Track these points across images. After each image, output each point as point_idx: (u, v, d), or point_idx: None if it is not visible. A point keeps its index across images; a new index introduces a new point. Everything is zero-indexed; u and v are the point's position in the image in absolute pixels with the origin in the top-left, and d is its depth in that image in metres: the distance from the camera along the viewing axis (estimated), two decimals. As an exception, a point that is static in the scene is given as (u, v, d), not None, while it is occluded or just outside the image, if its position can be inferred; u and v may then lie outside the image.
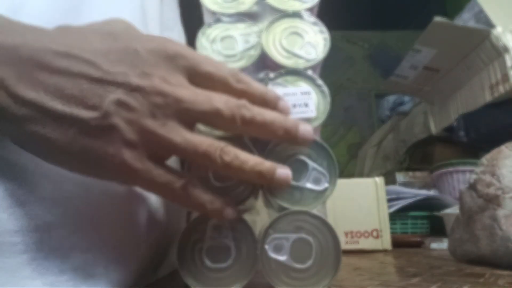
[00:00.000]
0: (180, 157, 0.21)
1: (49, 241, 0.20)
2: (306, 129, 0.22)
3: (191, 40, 0.30)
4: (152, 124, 0.19)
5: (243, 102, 0.21)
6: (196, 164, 0.23)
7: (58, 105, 0.18)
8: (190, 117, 0.20)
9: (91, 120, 0.18)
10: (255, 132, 0.22)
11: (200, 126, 0.23)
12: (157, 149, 0.20)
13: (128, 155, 0.19)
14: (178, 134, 0.19)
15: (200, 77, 0.21)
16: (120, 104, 0.18)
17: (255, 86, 0.22)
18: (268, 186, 0.24)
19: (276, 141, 0.25)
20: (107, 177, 0.20)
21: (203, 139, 0.20)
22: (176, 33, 0.44)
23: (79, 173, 0.20)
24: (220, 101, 0.20)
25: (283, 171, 0.22)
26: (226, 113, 0.20)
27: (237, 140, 0.23)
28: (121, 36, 0.20)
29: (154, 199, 0.28)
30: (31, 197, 0.19)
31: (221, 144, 0.20)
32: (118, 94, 0.18)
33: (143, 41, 0.20)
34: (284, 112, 0.23)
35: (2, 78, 0.17)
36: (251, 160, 0.21)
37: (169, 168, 0.20)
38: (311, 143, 0.24)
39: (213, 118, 0.20)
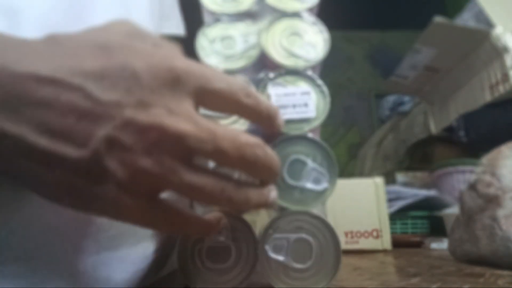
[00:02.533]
0: (190, 197, 0.19)
1: (56, 245, 0.20)
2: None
3: (190, 40, 0.30)
4: (147, 163, 0.16)
5: (257, 141, 0.19)
6: None
7: (42, 141, 0.15)
8: (191, 154, 0.18)
9: (79, 160, 0.16)
10: (253, 173, 0.20)
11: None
12: (155, 187, 0.18)
13: (122, 199, 0.17)
14: (177, 175, 0.17)
15: (209, 95, 0.19)
16: (111, 141, 0.16)
17: (262, 101, 0.21)
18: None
19: (276, 141, 0.25)
20: (102, 215, 0.18)
21: (204, 182, 0.18)
22: (174, 22, 0.41)
23: (71, 208, 0.18)
24: (227, 139, 0.18)
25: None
26: (232, 154, 0.18)
27: None
28: (118, 50, 0.17)
29: None
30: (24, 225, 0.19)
31: (225, 183, 0.18)
32: (109, 130, 0.16)
33: (144, 57, 0.17)
34: (279, 126, 0.22)
35: None
36: (253, 194, 0.19)
37: (163, 204, 0.18)
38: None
39: (216, 157, 0.18)
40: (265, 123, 0.22)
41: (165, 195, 0.18)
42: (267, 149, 0.19)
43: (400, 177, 1.02)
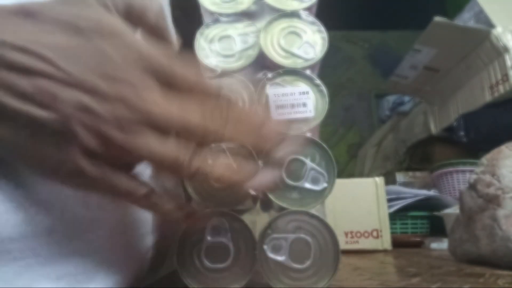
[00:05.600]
0: (151, 163, 0.20)
1: (47, 247, 0.19)
2: (273, 130, 0.21)
3: (190, 40, 0.30)
4: (116, 134, 0.17)
5: (215, 110, 0.19)
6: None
7: (13, 102, 0.16)
8: (157, 127, 0.18)
9: (47, 121, 0.16)
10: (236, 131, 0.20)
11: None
12: (120, 156, 0.18)
13: (86, 164, 0.17)
14: (143, 143, 0.18)
15: (171, 80, 0.19)
16: (82, 108, 0.16)
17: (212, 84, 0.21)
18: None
19: (275, 141, 0.24)
20: (65, 182, 0.19)
21: (170, 150, 0.18)
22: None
23: (39, 175, 0.18)
24: (195, 116, 0.19)
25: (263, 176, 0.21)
26: (198, 130, 0.19)
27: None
28: (88, 31, 0.18)
29: None
30: (27, 202, 0.19)
31: (189, 153, 0.19)
32: (81, 97, 0.16)
33: (113, 39, 0.18)
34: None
35: None
36: (223, 168, 0.20)
37: (132, 176, 0.19)
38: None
39: (185, 134, 0.19)
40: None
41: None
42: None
43: (400, 177, 1.02)
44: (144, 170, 0.23)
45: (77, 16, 0.18)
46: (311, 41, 0.27)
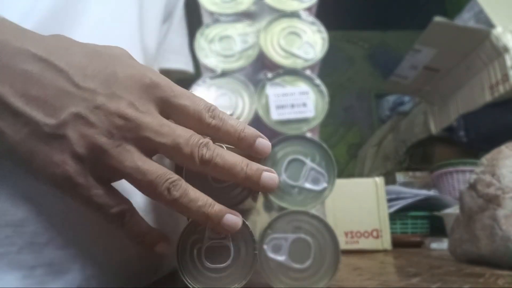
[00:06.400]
0: (129, 182, 0.21)
1: (22, 236, 0.20)
2: (270, 177, 0.22)
3: (190, 40, 0.30)
4: (106, 142, 0.19)
5: (206, 140, 0.21)
6: (192, 171, 0.22)
7: (18, 102, 0.18)
8: (149, 146, 0.20)
9: (46, 125, 0.18)
10: (214, 173, 0.21)
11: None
12: (105, 169, 0.19)
13: (72, 168, 0.19)
14: (130, 158, 0.19)
15: (173, 109, 0.21)
16: (79, 117, 0.18)
17: (231, 123, 0.22)
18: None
19: (274, 141, 0.25)
20: (48, 183, 0.20)
21: (155, 169, 0.20)
22: (183, 57, 0.44)
23: (28, 173, 0.20)
24: (182, 136, 0.20)
25: (232, 218, 0.21)
26: (185, 150, 0.20)
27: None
28: (106, 57, 0.21)
29: (139, 198, 0.28)
30: (4, 194, 0.19)
31: (173, 177, 0.20)
32: (80, 108, 0.19)
33: (125, 66, 0.21)
34: (259, 152, 0.22)
35: None
36: (201, 200, 0.21)
37: (112, 192, 0.20)
38: (273, 188, 0.22)
39: (172, 152, 0.20)
40: (239, 147, 0.22)
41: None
42: (217, 150, 0.21)
43: (400, 177, 1.02)
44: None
45: (103, 48, 0.21)
46: (311, 41, 0.28)
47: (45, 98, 0.18)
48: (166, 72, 0.44)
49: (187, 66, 0.46)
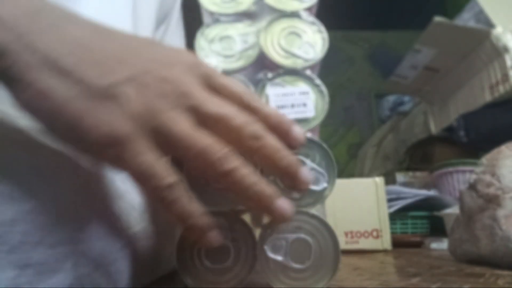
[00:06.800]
0: (176, 152, 0.19)
1: (13, 236, 0.20)
2: (305, 173, 0.22)
3: (190, 41, 0.30)
4: (160, 103, 0.18)
5: (255, 119, 0.20)
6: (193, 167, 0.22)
7: (67, 62, 0.17)
8: (197, 116, 0.19)
9: (97, 85, 0.17)
10: (257, 153, 0.20)
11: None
12: (157, 132, 0.18)
13: (125, 127, 0.17)
14: (183, 122, 0.18)
15: (216, 86, 0.21)
16: (133, 80, 0.18)
17: (270, 108, 0.22)
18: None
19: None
20: (95, 147, 0.18)
21: (206, 137, 0.19)
22: (178, 41, 0.44)
23: (66, 140, 0.18)
24: (231, 110, 0.20)
25: (285, 204, 0.20)
26: (235, 122, 0.19)
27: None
28: (156, 44, 0.21)
29: (133, 197, 0.28)
30: None
31: (226, 148, 0.19)
32: (132, 71, 0.18)
33: (165, 47, 0.21)
34: (296, 141, 0.22)
35: (20, 25, 0.16)
36: (254, 177, 0.19)
37: (162, 161, 0.19)
38: (306, 186, 0.23)
39: (220, 123, 0.19)
40: (277, 130, 0.22)
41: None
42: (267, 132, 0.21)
43: (400, 177, 1.02)
44: None
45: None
46: (311, 41, 0.27)
47: (95, 60, 0.18)
48: None
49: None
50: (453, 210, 0.61)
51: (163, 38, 0.40)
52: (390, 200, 0.69)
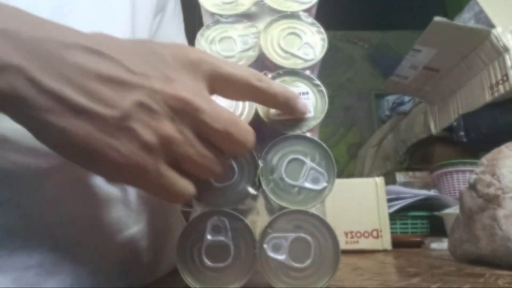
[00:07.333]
0: (189, 168, 0.21)
1: (13, 240, 0.20)
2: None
3: (190, 41, 0.30)
4: (169, 127, 0.19)
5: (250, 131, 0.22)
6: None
7: (80, 99, 0.17)
8: (203, 131, 0.20)
9: (110, 118, 0.18)
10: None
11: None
12: (172, 154, 0.20)
13: (143, 157, 0.19)
14: (192, 145, 0.20)
15: (222, 79, 0.22)
16: (140, 105, 0.18)
17: (276, 85, 0.23)
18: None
19: (275, 141, 0.25)
20: (115, 177, 0.20)
21: (210, 153, 0.21)
22: (174, 32, 0.43)
23: (89, 169, 0.20)
24: (232, 122, 0.21)
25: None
26: (237, 137, 0.21)
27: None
28: (147, 42, 0.21)
29: (130, 199, 0.28)
30: None
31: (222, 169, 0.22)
32: (140, 96, 0.19)
33: (166, 46, 0.21)
34: (302, 111, 0.25)
35: (26, 68, 0.17)
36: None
37: (183, 179, 0.21)
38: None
39: (221, 139, 0.21)
40: (284, 108, 0.24)
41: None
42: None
43: (400, 177, 1.02)
44: None
45: (140, 39, 0.22)
46: (311, 42, 0.28)
47: (103, 89, 0.18)
48: None
49: (177, 38, 0.45)
50: (453, 210, 0.61)
51: (159, 27, 0.39)
52: (390, 200, 0.69)
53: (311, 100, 0.26)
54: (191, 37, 0.30)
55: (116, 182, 0.20)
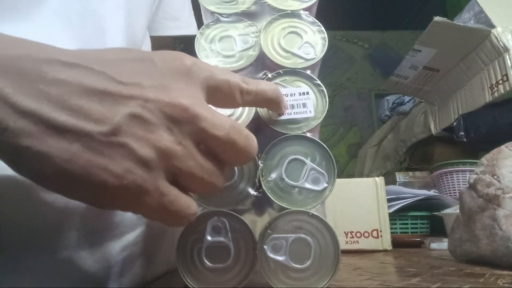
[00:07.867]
0: (189, 183, 0.19)
1: (9, 244, 0.20)
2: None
3: (190, 41, 0.30)
4: (168, 139, 0.17)
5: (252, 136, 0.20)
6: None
7: (61, 116, 0.15)
8: (204, 140, 0.18)
9: (98, 134, 0.16)
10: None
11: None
12: (171, 169, 0.17)
13: (139, 176, 0.16)
14: (193, 157, 0.18)
15: (216, 86, 0.20)
16: (133, 118, 0.16)
17: (263, 86, 0.23)
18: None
19: (275, 141, 0.25)
20: (108, 202, 0.17)
21: (212, 167, 0.19)
22: (182, 22, 0.42)
23: (76, 198, 0.17)
24: (234, 129, 0.19)
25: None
26: (240, 144, 0.19)
27: None
28: (133, 50, 0.20)
29: None
30: None
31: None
32: (131, 107, 0.16)
33: (159, 53, 0.19)
34: (286, 105, 0.25)
35: (0, 88, 0.15)
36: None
37: (182, 195, 0.18)
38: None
39: (223, 146, 0.19)
40: (274, 104, 0.24)
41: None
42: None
43: (400, 177, 1.02)
44: None
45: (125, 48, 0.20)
46: (311, 42, 0.27)
47: (89, 105, 0.16)
48: (159, 39, 0.41)
49: (189, 30, 0.43)
50: (453, 210, 0.61)
51: (161, 2, 0.38)
52: (390, 200, 0.69)
53: (312, 100, 0.26)
54: (191, 37, 0.30)
55: (111, 208, 0.18)
